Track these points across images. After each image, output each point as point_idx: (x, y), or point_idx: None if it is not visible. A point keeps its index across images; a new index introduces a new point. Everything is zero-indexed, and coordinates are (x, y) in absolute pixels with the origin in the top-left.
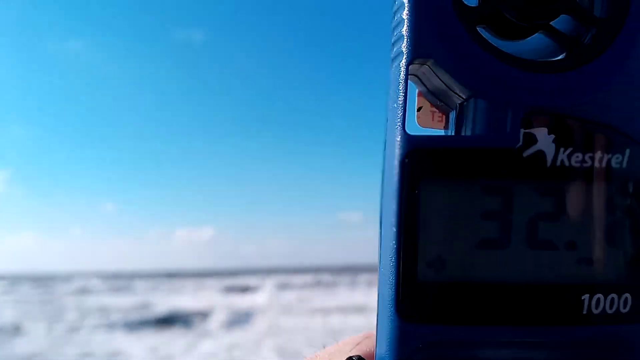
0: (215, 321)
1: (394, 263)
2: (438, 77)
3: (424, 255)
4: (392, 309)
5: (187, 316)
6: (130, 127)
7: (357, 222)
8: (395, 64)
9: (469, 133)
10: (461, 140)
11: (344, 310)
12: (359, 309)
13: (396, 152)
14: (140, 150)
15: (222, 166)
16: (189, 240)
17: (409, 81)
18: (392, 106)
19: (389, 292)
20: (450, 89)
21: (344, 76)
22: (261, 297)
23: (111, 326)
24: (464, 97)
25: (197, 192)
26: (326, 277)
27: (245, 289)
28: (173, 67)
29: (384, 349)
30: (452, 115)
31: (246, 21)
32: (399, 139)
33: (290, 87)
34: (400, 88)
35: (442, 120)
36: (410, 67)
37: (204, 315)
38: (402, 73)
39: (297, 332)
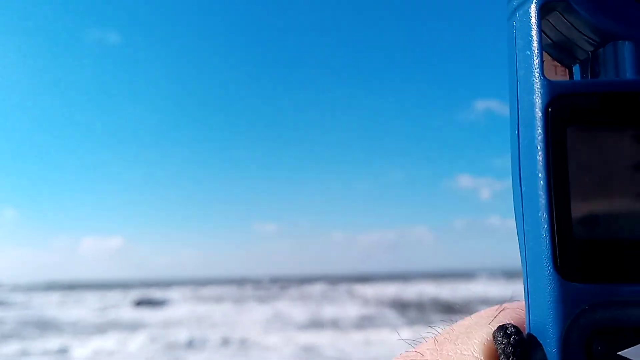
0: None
1: (546, 219)
2: (569, 23)
3: (577, 210)
4: (550, 267)
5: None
6: (34, 128)
7: (272, 234)
8: (522, 11)
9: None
10: (611, 84)
11: (259, 322)
12: (270, 320)
13: (536, 101)
14: (45, 153)
15: (132, 172)
16: (96, 249)
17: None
18: (524, 55)
19: (544, 250)
20: (584, 35)
21: (259, 72)
22: (173, 309)
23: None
24: (599, 42)
25: (106, 199)
26: (242, 289)
27: (156, 302)
28: (81, 69)
29: (543, 312)
30: (577, 68)
31: (159, 22)
32: (538, 86)
33: (205, 92)
34: (533, 34)
35: (565, 74)
36: None
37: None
38: (533, 18)
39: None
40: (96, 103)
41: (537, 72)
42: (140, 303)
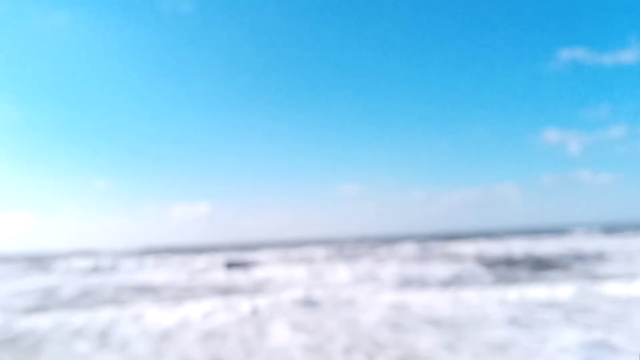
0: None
1: None
2: None
3: None
4: None
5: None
6: (122, 100)
7: (356, 195)
8: None
9: None
10: None
11: (349, 282)
12: (361, 280)
13: None
14: (132, 124)
15: (216, 139)
16: (185, 215)
17: None
18: None
19: None
20: None
21: (347, 41)
22: (263, 271)
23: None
24: None
25: (192, 166)
26: (330, 249)
27: (246, 264)
28: (164, 38)
29: None
30: None
31: None
32: None
33: (289, 57)
34: None
35: None
36: None
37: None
38: None
39: (311, 309)
40: (174, 71)
41: None
42: (231, 265)
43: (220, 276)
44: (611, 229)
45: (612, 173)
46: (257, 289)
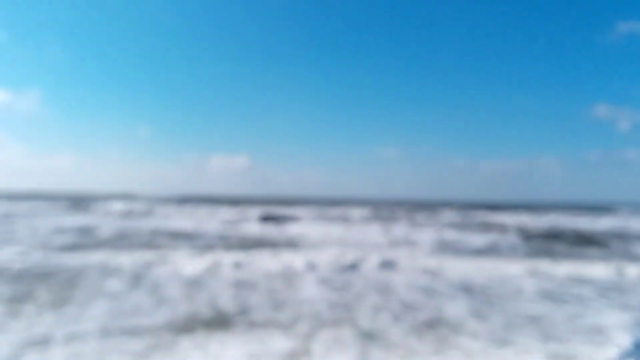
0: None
1: None
2: None
3: None
4: None
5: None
6: (166, 48)
7: (393, 157)
8: None
9: None
10: None
11: (384, 244)
12: (397, 243)
13: None
14: (175, 74)
15: (259, 94)
16: (224, 167)
17: None
18: None
19: None
20: None
21: (397, 2)
22: (297, 227)
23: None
24: None
25: (233, 119)
26: (364, 210)
27: (281, 219)
28: None
29: None
30: None
31: None
32: None
33: (338, 16)
34: None
35: None
36: None
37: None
38: None
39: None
40: (222, 23)
41: None
42: (266, 219)
43: (255, 228)
44: None
45: None
46: (290, 244)
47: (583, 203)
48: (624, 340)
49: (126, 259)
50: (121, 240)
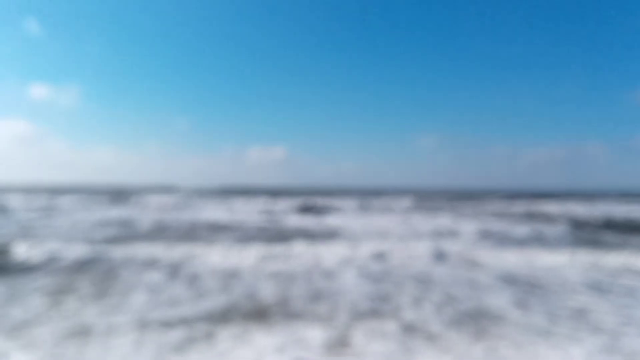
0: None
1: None
2: None
3: None
4: None
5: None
6: (205, 41)
7: (432, 146)
8: None
9: None
10: None
11: (434, 233)
12: (440, 234)
13: None
14: (212, 66)
15: (296, 86)
16: (261, 158)
17: None
18: None
19: None
20: None
21: None
22: (338, 217)
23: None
24: None
25: (271, 111)
26: (404, 200)
27: (319, 210)
28: None
29: None
30: None
31: None
32: None
33: (375, 5)
34: None
35: None
36: None
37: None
38: None
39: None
40: (259, 16)
41: None
42: (305, 210)
43: (294, 220)
44: None
45: None
46: (330, 235)
47: (632, 190)
48: None
49: (165, 251)
50: (161, 233)
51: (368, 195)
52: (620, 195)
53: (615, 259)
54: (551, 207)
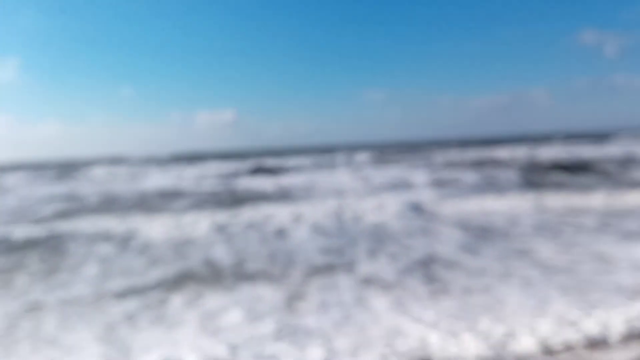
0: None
1: None
2: None
3: None
4: None
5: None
6: (145, 7)
7: (381, 101)
8: None
9: None
10: None
11: (390, 185)
12: (393, 186)
13: None
14: (153, 30)
15: (241, 46)
16: (211, 122)
17: None
18: None
19: None
20: None
21: None
22: (291, 178)
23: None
24: None
25: (217, 74)
26: (356, 156)
27: (273, 171)
28: None
29: None
30: None
31: None
32: None
33: None
34: None
35: None
36: None
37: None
38: None
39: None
40: None
41: None
42: (258, 171)
43: (247, 182)
44: None
45: None
46: (284, 195)
47: (575, 132)
48: (625, 264)
49: (116, 223)
50: (111, 205)
51: (322, 153)
52: (564, 138)
53: (564, 200)
54: (500, 153)
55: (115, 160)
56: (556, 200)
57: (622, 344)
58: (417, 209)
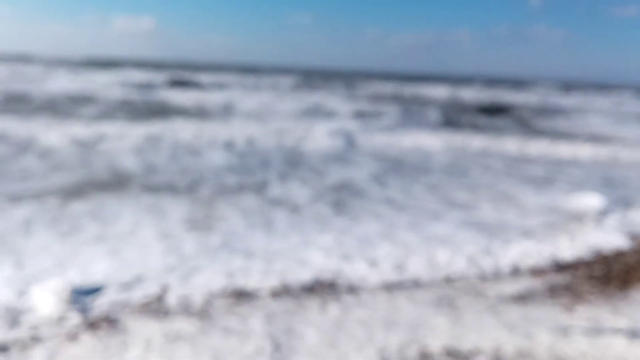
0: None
1: None
2: None
3: None
4: None
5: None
6: None
7: (305, 25)
8: None
9: None
10: None
11: (294, 113)
12: (311, 112)
13: None
14: None
15: None
16: (128, 28)
17: None
18: None
19: None
20: None
21: None
22: (208, 93)
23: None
24: None
25: None
26: (275, 79)
27: (190, 84)
28: None
29: None
30: None
31: None
32: None
33: None
34: None
35: None
36: None
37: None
38: None
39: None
40: None
41: None
42: (175, 83)
43: (163, 94)
44: (567, 85)
45: (567, 29)
46: (201, 112)
47: (496, 77)
48: (522, 206)
49: (18, 125)
50: (12, 105)
51: (245, 72)
52: (485, 81)
53: (479, 142)
54: (422, 90)
55: (23, 59)
56: (472, 141)
57: (512, 277)
58: (337, 137)
